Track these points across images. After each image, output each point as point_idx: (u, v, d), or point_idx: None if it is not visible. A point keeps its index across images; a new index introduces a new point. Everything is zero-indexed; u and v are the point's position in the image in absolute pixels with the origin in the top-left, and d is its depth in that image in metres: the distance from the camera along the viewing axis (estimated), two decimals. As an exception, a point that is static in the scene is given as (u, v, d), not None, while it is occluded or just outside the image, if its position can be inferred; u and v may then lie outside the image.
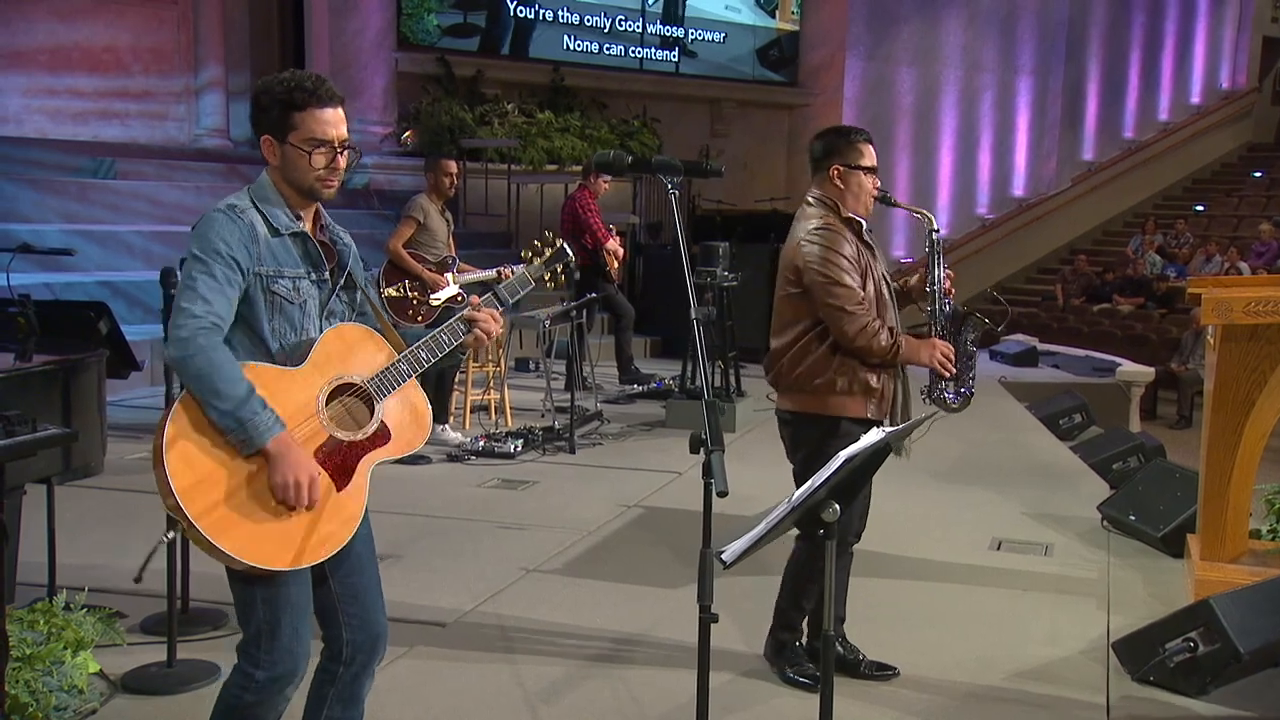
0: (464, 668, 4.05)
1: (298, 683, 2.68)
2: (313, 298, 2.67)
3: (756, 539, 2.23)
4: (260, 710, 2.64)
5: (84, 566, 4.71)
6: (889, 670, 4.00)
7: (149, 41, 13.26)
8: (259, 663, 2.60)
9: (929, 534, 5.77)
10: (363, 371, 2.64)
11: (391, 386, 2.66)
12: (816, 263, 3.71)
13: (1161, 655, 3.94)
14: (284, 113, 2.59)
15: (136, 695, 3.76)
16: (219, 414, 2.43)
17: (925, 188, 19.27)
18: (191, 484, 2.42)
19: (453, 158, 8.12)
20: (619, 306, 9.62)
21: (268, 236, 2.59)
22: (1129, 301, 17.45)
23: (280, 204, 2.64)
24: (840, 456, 2.27)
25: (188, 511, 2.40)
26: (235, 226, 2.54)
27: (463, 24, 14.42)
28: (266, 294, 2.58)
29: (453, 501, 6.15)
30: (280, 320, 2.61)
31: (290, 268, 2.62)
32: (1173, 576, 5.18)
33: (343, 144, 2.63)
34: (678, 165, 2.53)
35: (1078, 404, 9.13)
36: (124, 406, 8.16)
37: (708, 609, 2.15)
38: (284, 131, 2.60)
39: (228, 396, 2.42)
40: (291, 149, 2.60)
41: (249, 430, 2.44)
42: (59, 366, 3.63)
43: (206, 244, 2.52)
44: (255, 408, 2.45)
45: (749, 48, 16.73)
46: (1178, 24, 23.56)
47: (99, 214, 11.01)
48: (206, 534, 2.41)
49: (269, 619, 2.57)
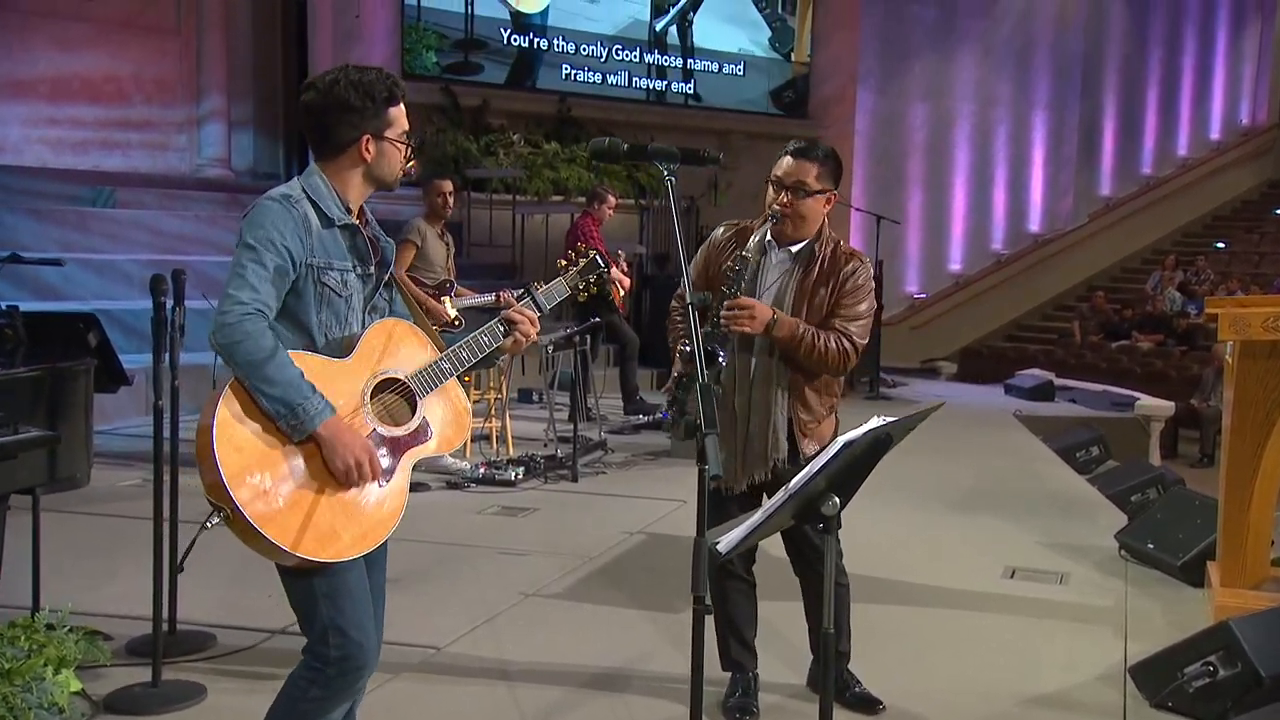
0: (459, 690, 4.00)
1: (367, 680, 2.67)
2: (358, 292, 2.70)
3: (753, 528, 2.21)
4: (327, 705, 2.63)
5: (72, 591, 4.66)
6: (875, 704, 3.87)
7: (151, 71, 13.37)
8: (329, 660, 2.58)
9: (940, 562, 5.73)
10: (406, 368, 2.67)
11: (434, 384, 2.69)
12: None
13: (1180, 680, 3.88)
14: (382, 109, 2.66)
15: (119, 715, 3.73)
16: (269, 399, 2.44)
17: (938, 223, 19.33)
18: (239, 469, 2.42)
19: (448, 177, 8.14)
20: (624, 336, 9.61)
21: (320, 228, 2.61)
22: (1148, 338, 17.42)
23: (332, 198, 2.66)
24: (838, 442, 2.24)
25: (235, 497, 2.40)
26: (290, 216, 2.56)
27: (464, 63, 14.49)
28: (317, 285, 2.60)
29: (451, 528, 6.11)
30: (327, 313, 2.63)
31: (339, 260, 2.64)
32: (1193, 605, 5.11)
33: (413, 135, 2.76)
34: (674, 152, 2.53)
35: (1095, 436, 9.08)
36: (117, 434, 8.17)
37: (702, 600, 2.12)
38: (382, 127, 2.66)
39: (277, 381, 2.44)
40: (389, 144, 2.68)
41: (300, 415, 2.45)
42: (45, 373, 3.63)
43: (260, 232, 2.53)
44: (305, 392, 2.46)
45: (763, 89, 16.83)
46: (1196, 59, 23.68)
47: (98, 243, 11.06)
48: (253, 521, 2.41)
49: (332, 612, 2.57)
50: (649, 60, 15.83)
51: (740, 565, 3.76)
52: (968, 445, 9.26)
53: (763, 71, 16.88)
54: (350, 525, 2.53)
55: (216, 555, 4.92)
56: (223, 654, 4.24)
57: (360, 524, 2.54)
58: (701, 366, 2.19)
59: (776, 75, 17.03)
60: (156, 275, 3.72)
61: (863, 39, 17.79)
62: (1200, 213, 23.29)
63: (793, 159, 3.64)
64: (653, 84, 15.86)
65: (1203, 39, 23.73)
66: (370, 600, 2.65)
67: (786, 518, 2.33)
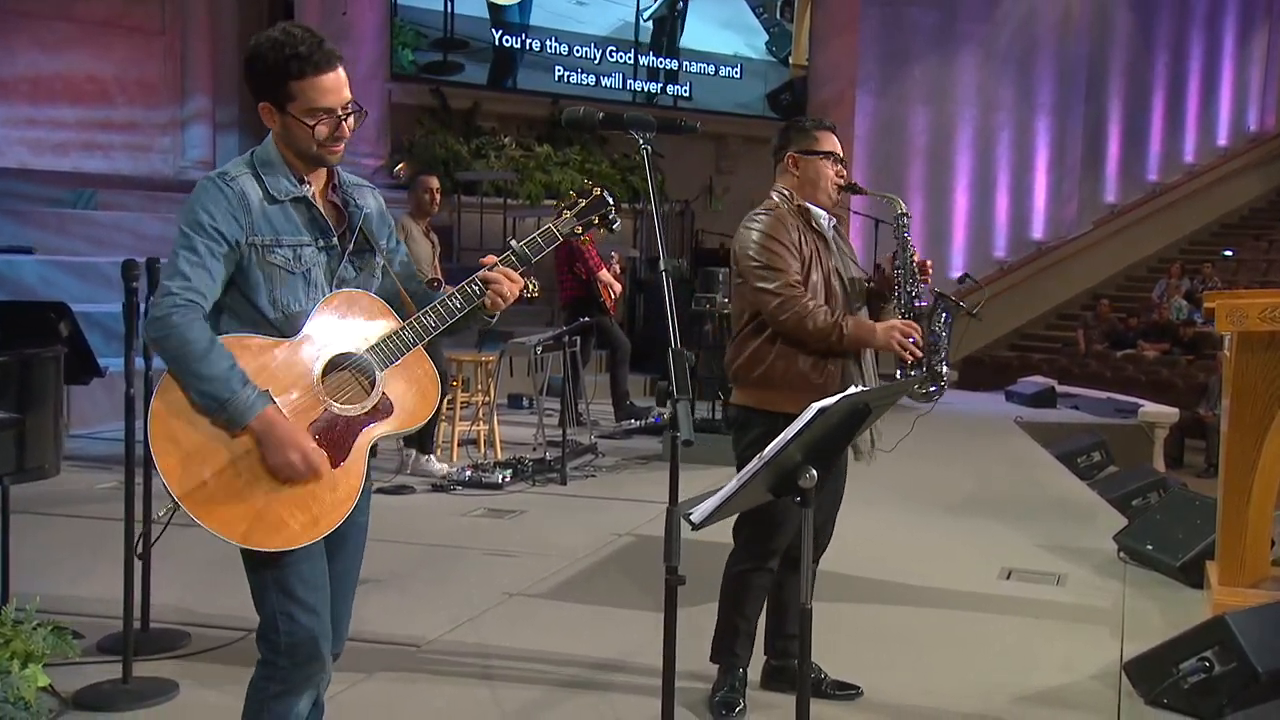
0: (438, 688, 3.99)
1: (324, 667, 2.63)
2: (319, 265, 2.60)
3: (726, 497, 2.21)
4: (290, 700, 2.60)
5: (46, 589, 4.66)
6: (851, 689, 3.94)
7: (134, 72, 13.40)
8: (279, 648, 2.56)
9: (935, 563, 5.73)
10: (366, 340, 2.58)
11: (394, 356, 2.58)
12: (749, 248, 3.68)
13: (1175, 676, 3.88)
14: (280, 81, 2.52)
15: (88, 711, 3.73)
16: (198, 394, 2.41)
17: (940, 230, 19.33)
18: (177, 461, 2.41)
19: (434, 174, 8.15)
20: (615, 340, 9.61)
21: (263, 204, 2.53)
22: (1154, 347, 17.42)
23: (283, 170, 2.58)
24: (812, 409, 2.24)
25: (172, 490, 2.40)
26: (221, 196, 2.50)
27: (443, 62, 14.45)
28: (263, 265, 2.52)
29: (436, 529, 6.11)
30: (283, 290, 2.54)
31: (290, 235, 2.56)
32: (1192, 606, 5.10)
33: (346, 108, 2.55)
34: (650, 121, 2.54)
35: (1096, 442, 9.08)
36: (97, 438, 8.17)
37: (674, 570, 2.12)
38: (283, 100, 2.52)
39: (205, 376, 2.40)
40: (292, 120, 2.53)
41: (229, 410, 2.41)
42: (12, 359, 3.63)
43: (190, 216, 2.48)
44: (234, 386, 2.41)
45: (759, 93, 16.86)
46: (1202, 64, 23.72)
47: (78, 246, 11.08)
48: (192, 513, 2.40)
49: (282, 599, 2.54)
50: (643, 63, 15.86)
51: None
52: (967, 450, 9.26)
53: (759, 75, 16.92)
54: (298, 512, 2.47)
55: (192, 555, 4.96)
56: (196, 652, 4.24)
57: (309, 510, 2.49)
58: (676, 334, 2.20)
59: (773, 79, 17.06)
60: (128, 261, 3.72)
61: (862, 42, 17.82)
62: (1207, 220, 23.31)
63: (834, 133, 3.84)
64: (646, 86, 15.88)
65: (1209, 43, 23.78)
66: (328, 588, 2.61)
67: (762, 490, 2.33)
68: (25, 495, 5.75)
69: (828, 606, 4.15)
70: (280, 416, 2.46)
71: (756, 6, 16.84)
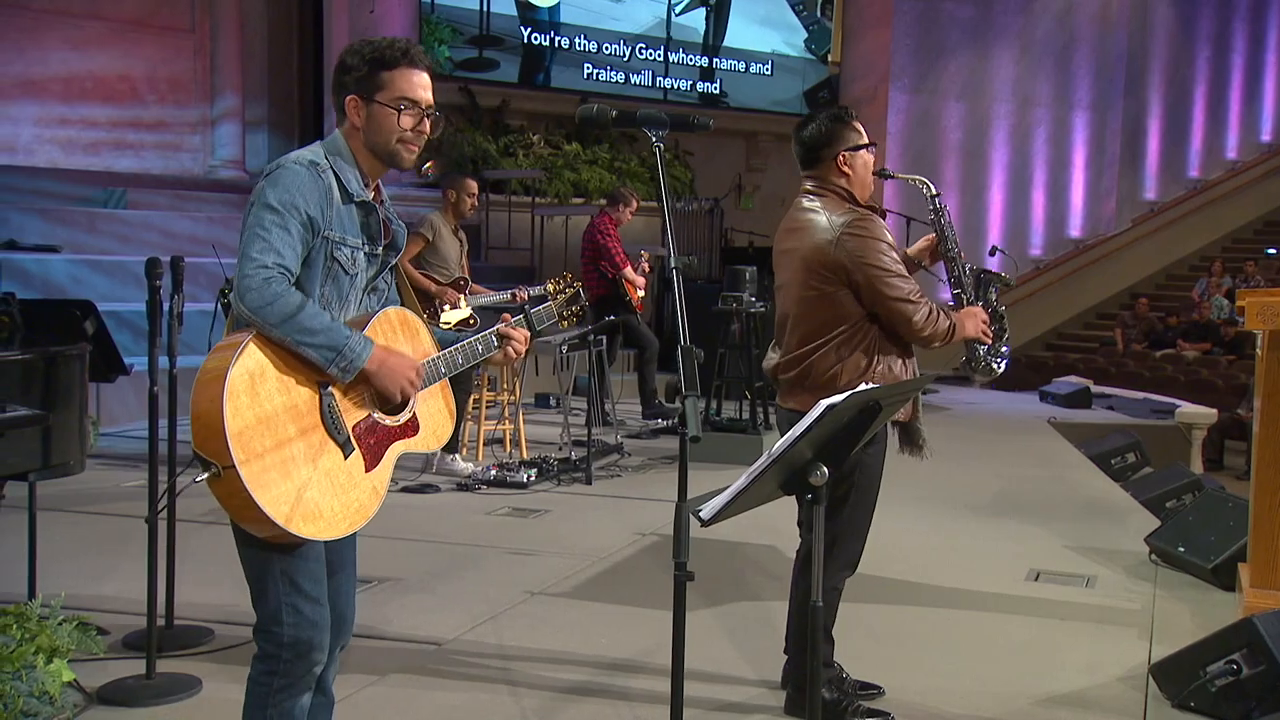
0: (458, 685, 4.04)
1: (324, 660, 2.68)
2: (364, 271, 2.71)
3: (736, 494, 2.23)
4: (292, 693, 2.65)
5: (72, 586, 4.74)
6: (873, 690, 3.96)
7: (165, 71, 13.57)
8: (282, 641, 2.60)
9: (962, 564, 5.73)
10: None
11: (430, 381, 2.72)
12: (869, 257, 3.59)
13: (1203, 679, 3.87)
14: (373, 71, 2.63)
15: (112, 706, 3.79)
16: (314, 348, 2.47)
17: (975, 227, 19.23)
18: (244, 427, 2.40)
19: (473, 177, 8.20)
20: (643, 338, 9.64)
21: (339, 200, 2.62)
22: (1194, 347, 17.28)
23: (353, 169, 2.66)
24: (821, 405, 2.26)
25: (235, 454, 2.37)
26: (316, 184, 2.57)
27: (478, 59, 14.56)
28: (328, 259, 2.61)
29: (459, 528, 6.16)
30: (331, 288, 2.64)
31: (353, 237, 2.66)
32: (1223, 609, 5.08)
33: (429, 109, 2.68)
34: (664, 119, 2.57)
35: (1131, 443, 9.02)
36: (126, 437, 8.29)
37: (683, 566, 2.14)
38: (372, 90, 2.63)
39: (317, 330, 2.47)
40: (379, 108, 2.63)
41: (347, 355, 2.50)
42: (38, 356, 3.69)
43: (285, 195, 2.53)
44: (345, 333, 2.51)
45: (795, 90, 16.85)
46: (1245, 58, 23.49)
47: (108, 244, 11.22)
48: (248, 483, 2.38)
49: (289, 593, 2.59)
50: (673, 59, 15.88)
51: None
52: (999, 451, 9.24)
53: (795, 73, 16.91)
54: (333, 506, 2.53)
55: (216, 553, 5.03)
56: (219, 648, 4.30)
57: (343, 506, 2.55)
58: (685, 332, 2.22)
59: (811, 77, 17.06)
60: (152, 259, 3.79)
61: (895, 36, 17.79)
62: (1250, 217, 23.06)
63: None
64: (676, 83, 15.90)
65: (1253, 37, 23.54)
66: (325, 584, 2.66)
67: (773, 487, 2.35)
68: (53, 493, 5.88)
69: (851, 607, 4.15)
70: (387, 350, 2.59)
71: (796, 4, 16.84)
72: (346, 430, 2.56)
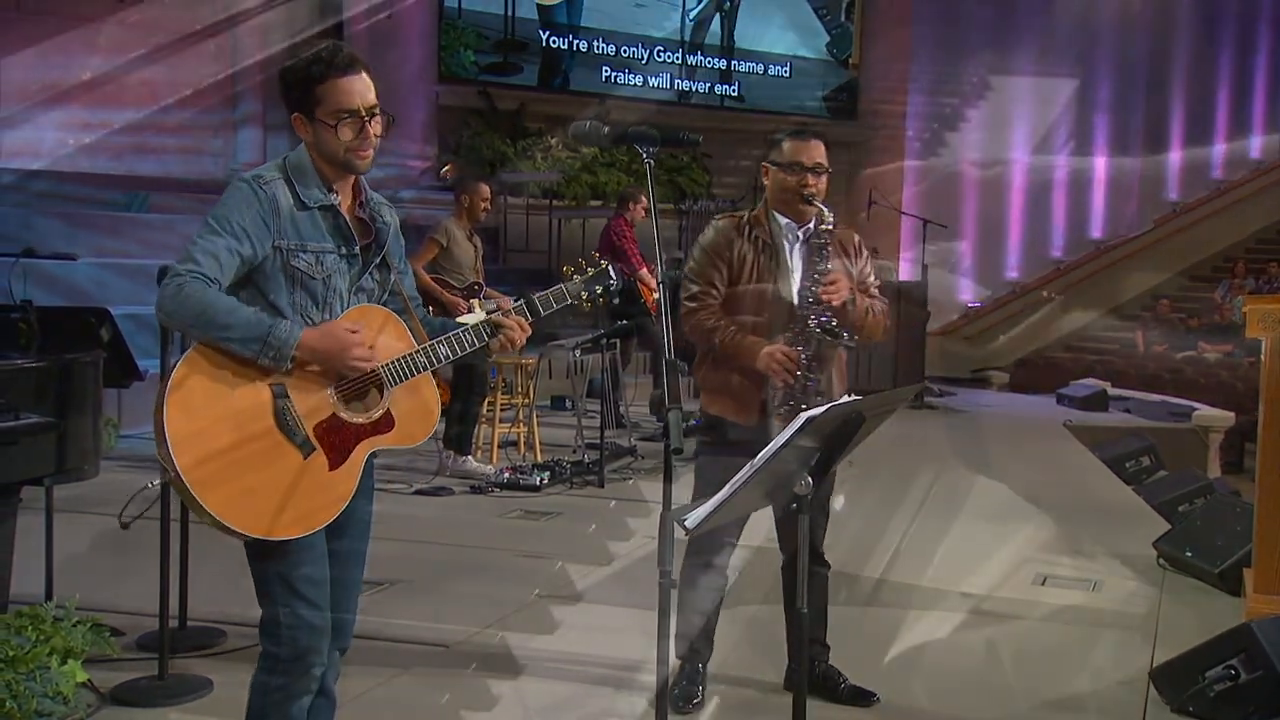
0: (464, 685, 4.10)
1: (321, 663, 2.74)
2: (340, 273, 2.73)
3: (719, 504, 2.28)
4: (292, 692, 2.71)
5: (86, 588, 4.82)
6: (868, 696, 3.97)
7: (186, 76, 13.68)
8: (281, 640, 2.67)
9: (968, 567, 5.75)
10: (380, 356, 2.70)
11: (404, 376, 2.72)
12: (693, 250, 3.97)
13: (1201, 684, 3.90)
14: (306, 89, 2.65)
15: (125, 707, 3.86)
16: (237, 343, 2.52)
17: (994, 229, 19.21)
18: (187, 435, 2.47)
19: (487, 181, 8.26)
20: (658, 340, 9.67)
21: (292, 209, 2.66)
22: (1215, 349, 17.19)
23: (314, 179, 2.71)
24: (801, 418, 2.32)
25: (177, 462, 2.45)
26: (255, 198, 2.63)
27: (502, 63, 14.64)
28: (286, 268, 2.65)
29: (471, 531, 6.23)
30: (302, 294, 2.68)
31: (314, 242, 2.68)
32: (1228, 614, 5.07)
33: (370, 111, 2.68)
34: (654, 135, 2.63)
35: (1145, 446, 9.00)
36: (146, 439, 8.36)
37: (667, 574, 2.20)
38: (310, 107, 2.66)
39: (236, 323, 2.51)
40: (320, 125, 2.66)
41: (274, 343, 2.53)
42: (52, 363, 3.78)
43: (219, 211, 2.61)
44: (267, 322, 2.54)
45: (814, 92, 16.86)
46: (1270, 58, 23.32)
47: (130, 248, 11.32)
48: (191, 488, 2.46)
49: (286, 594, 2.65)
50: (690, 62, 15.92)
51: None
52: (1012, 454, 9.26)
53: (815, 76, 16.93)
54: (293, 504, 2.57)
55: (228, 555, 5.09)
56: (232, 649, 4.37)
57: (303, 504, 2.59)
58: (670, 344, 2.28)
59: (832, 80, 17.06)
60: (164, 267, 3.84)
61: (915, 38, 17.77)
62: (1274, 218, 22.85)
63: (817, 141, 3.94)
64: (695, 86, 15.94)
65: (1278, 37, 23.40)
66: (328, 585, 2.72)
67: (757, 497, 2.41)
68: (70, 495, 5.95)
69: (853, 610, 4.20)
70: (319, 331, 2.60)
71: (820, 8, 16.85)
72: (304, 431, 2.60)
